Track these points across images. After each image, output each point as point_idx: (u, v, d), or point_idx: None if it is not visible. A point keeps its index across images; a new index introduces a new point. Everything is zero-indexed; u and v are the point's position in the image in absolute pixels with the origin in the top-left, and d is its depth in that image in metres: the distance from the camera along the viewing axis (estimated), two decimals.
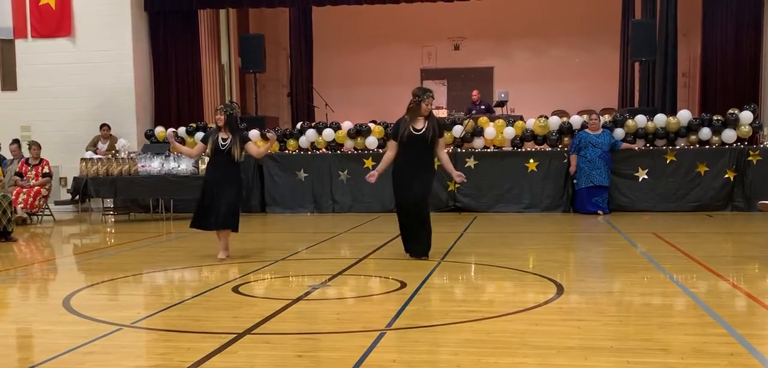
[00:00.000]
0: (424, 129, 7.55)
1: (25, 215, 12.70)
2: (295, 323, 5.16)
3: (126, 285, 6.83)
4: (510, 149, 13.24)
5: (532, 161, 12.91)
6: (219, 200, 7.82)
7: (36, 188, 12.95)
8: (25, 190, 12.81)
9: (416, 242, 7.67)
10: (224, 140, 7.90)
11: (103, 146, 14.21)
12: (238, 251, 8.32)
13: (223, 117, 7.93)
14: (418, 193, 7.57)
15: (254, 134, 13.96)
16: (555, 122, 13.24)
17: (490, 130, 13.23)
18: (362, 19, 18.88)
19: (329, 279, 6.66)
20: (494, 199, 13.01)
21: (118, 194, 13.24)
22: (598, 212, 12.23)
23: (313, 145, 13.85)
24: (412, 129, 7.55)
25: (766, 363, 3.96)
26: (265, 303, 5.77)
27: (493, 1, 17.73)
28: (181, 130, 14.41)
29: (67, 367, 4.17)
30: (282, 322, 5.11)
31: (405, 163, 7.61)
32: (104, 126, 14.33)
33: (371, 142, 13.47)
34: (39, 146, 13.36)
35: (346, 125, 13.76)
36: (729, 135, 12.61)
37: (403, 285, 6.29)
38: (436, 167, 7.99)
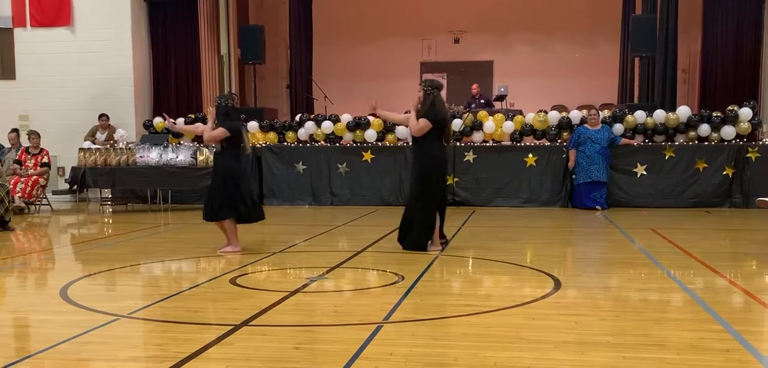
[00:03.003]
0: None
1: (23, 205, 12.69)
2: (293, 315, 5.16)
3: (123, 275, 6.83)
4: (509, 143, 13.24)
5: (531, 155, 12.91)
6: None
7: (34, 177, 12.94)
8: (23, 179, 12.80)
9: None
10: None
11: (101, 136, 14.20)
12: None
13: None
14: None
15: (253, 125, 13.97)
16: (554, 116, 13.24)
17: (489, 124, 13.23)
18: (362, 12, 18.86)
19: (327, 272, 6.66)
20: (493, 193, 13.02)
21: (116, 185, 13.23)
22: (597, 207, 12.24)
23: (311, 137, 13.85)
24: None
25: (762, 359, 3.97)
26: (262, 294, 5.77)
27: None
28: (180, 120, 14.37)
29: (64, 357, 4.17)
30: (279, 314, 5.11)
31: (444, 153, 7.90)
32: (103, 116, 14.32)
33: (370, 135, 13.47)
34: (38, 136, 13.36)
35: (345, 117, 13.76)
36: (728, 132, 12.62)
37: (401, 278, 6.30)
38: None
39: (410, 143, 8.12)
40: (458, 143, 13.20)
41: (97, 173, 12.86)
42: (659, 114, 12.86)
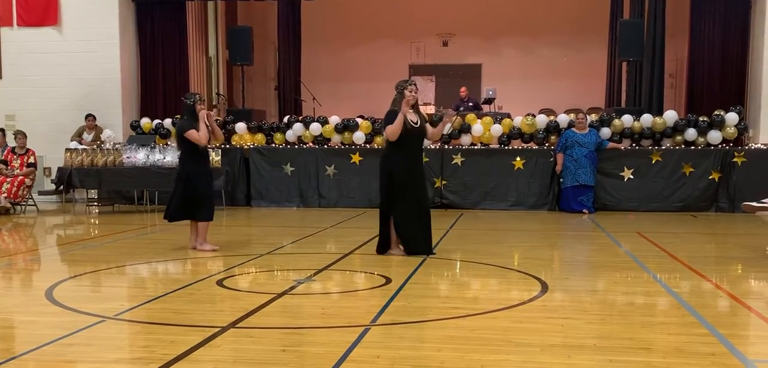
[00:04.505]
0: (418, 122, 7.55)
1: (9, 205, 12.61)
2: (280, 317, 5.15)
3: (109, 276, 6.79)
4: (497, 146, 13.27)
5: (518, 158, 12.94)
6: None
7: (20, 177, 12.86)
8: (8, 180, 12.72)
9: (425, 240, 7.66)
10: None
11: (88, 136, 14.13)
12: (223, 245, 8.29)
13: None
14: (425, 188, 7.87)
15: (241, 126, 13.95)
16: (542, 120, 13.28)
17: (477, 127, 13.25)
18: (351, 14, 18.87)
19: (314, 274, 6.65)
20: (480, 196, 13.04)
21: (102, 185, 13.17)
22: (584, 210, 12.28)
23: (299, 139, 13.83)
24: (410, 122, 7.49)
25: (747, 363, 3.99)
26: (249, 296, 5.75)
27: None
28: (167, 121, 14.35)
29: (49, 358, 4.14)
30: (266, 316, 5.10)
31: (410, 158, 7.54)
32: (90, 116, 14.25)
33: (358, 137, 13.46)
34: (25, 136, 13.29)
35: (334, 119, 13.75)
36: (714, 136, 12.69)
37: (388, 280, 6.30)
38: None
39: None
40: (446, 146, 13.22)
41: (84, 174, 12.79)
42: (646, 118, 12.93)
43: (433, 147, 13.08)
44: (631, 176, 12.66)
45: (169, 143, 13.95)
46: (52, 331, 4.62)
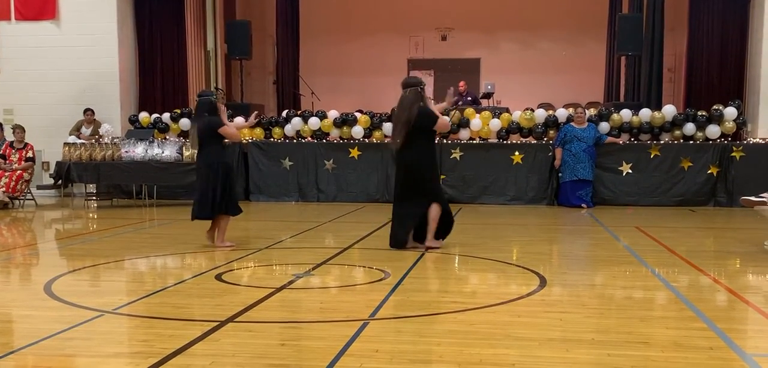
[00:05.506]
0: None
1: (7, 200, 12.60)
2: (279, 311, 5.15)
3: (108, 271, 6.79)
4: (496, 141, 13.26)
5: (517, 153, 12.94)
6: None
7: (18, 172, 12.84)
8: (7, 174, 12.70)
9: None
10: None
11: (86, 130, 14.11)
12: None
13: None
14: None
15: (239, 121, 13.90)
16: (541, 114, 13.27)
17: (476, 121, 13.24)
18: (350, 8, 18.85)
19: (313, 268, 6.65)
20: (479, 191, 13.04)
21: (101, 180, 13.13)
22: (582, 205, 12.29)
23: (298, 133, 13.81)
24: None
25: (745, 357, 4.00)
26: (248, 291, 5.75)
27: None
28: (166, 116, 14.33)
29: (48, 353, 4.14)
30: (265, 310, 5.10)
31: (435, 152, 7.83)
32: (88, 111, 14.23)
33: (357, 131, 13.45)
34: (23, 130, 13.26)
35: (332, 113, 13.73)
36: (713, 131, 12.70)
37: (387, 275, 6.30)
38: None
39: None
40: (445, 141, 13.21)
41: (82, 168, 12.76)
42: (645, 113, 12.93)
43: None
44: (630, 171, 12.67)
45: (167, 137, 13.93)
46: (50, 325, 4.62)
